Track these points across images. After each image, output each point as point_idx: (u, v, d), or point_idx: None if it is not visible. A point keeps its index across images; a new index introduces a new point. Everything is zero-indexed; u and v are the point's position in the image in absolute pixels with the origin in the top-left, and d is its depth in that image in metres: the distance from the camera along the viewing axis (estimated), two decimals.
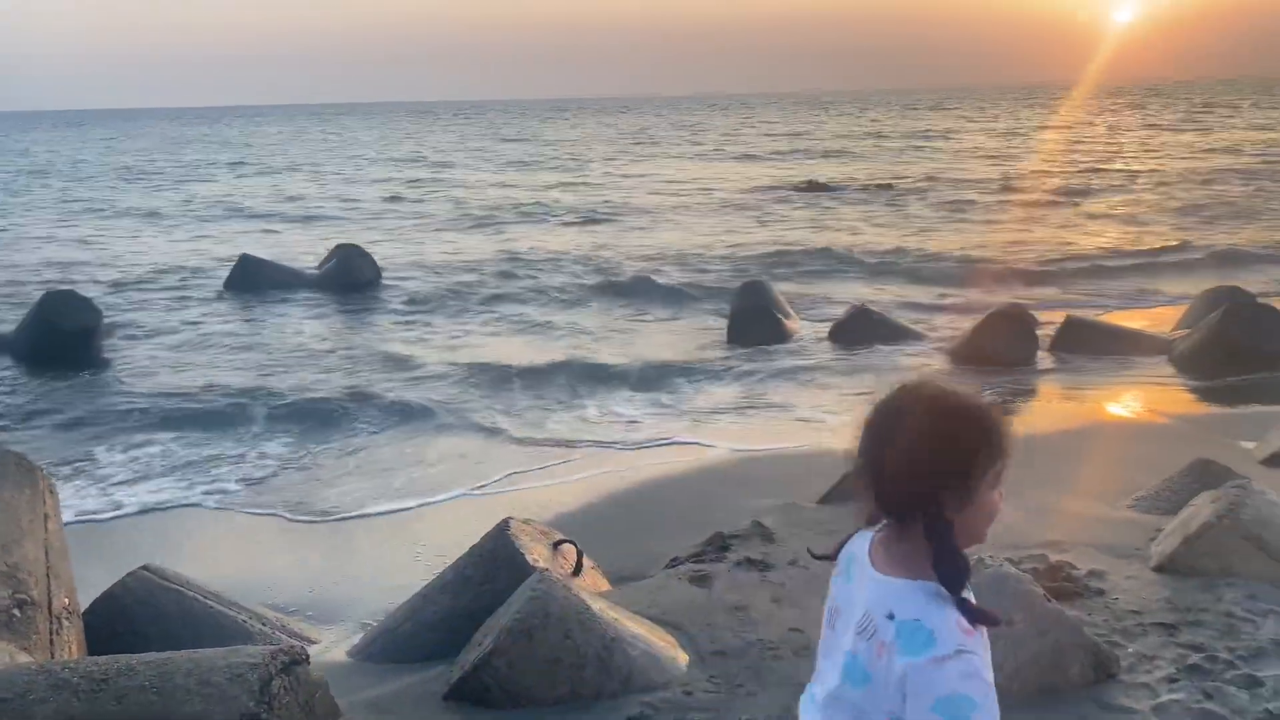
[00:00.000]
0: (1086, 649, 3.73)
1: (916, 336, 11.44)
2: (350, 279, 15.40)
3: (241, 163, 48.29)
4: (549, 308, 14.27)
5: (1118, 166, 34.44)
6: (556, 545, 4.64)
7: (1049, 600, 3.81)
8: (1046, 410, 8.65)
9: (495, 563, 4.41)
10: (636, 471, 7.25)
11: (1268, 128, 52.32)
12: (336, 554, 6.09)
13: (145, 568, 4.58)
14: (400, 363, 11.04)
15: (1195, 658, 3.87)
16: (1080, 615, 4.12)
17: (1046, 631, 3.72)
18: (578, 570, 4.53)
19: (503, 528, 4.52)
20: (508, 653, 3.60)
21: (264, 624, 4.68)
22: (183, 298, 15.29)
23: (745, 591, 4.52)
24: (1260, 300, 10.76)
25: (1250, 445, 7.00)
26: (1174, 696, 3.64)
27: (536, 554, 4.45)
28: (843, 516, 5.55)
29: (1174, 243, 18.42)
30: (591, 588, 4.47)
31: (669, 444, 8.02)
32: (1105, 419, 8.38)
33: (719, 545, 5.14)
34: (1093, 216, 22.62)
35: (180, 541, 6.35)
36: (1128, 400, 8.90)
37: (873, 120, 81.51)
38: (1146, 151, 40.56)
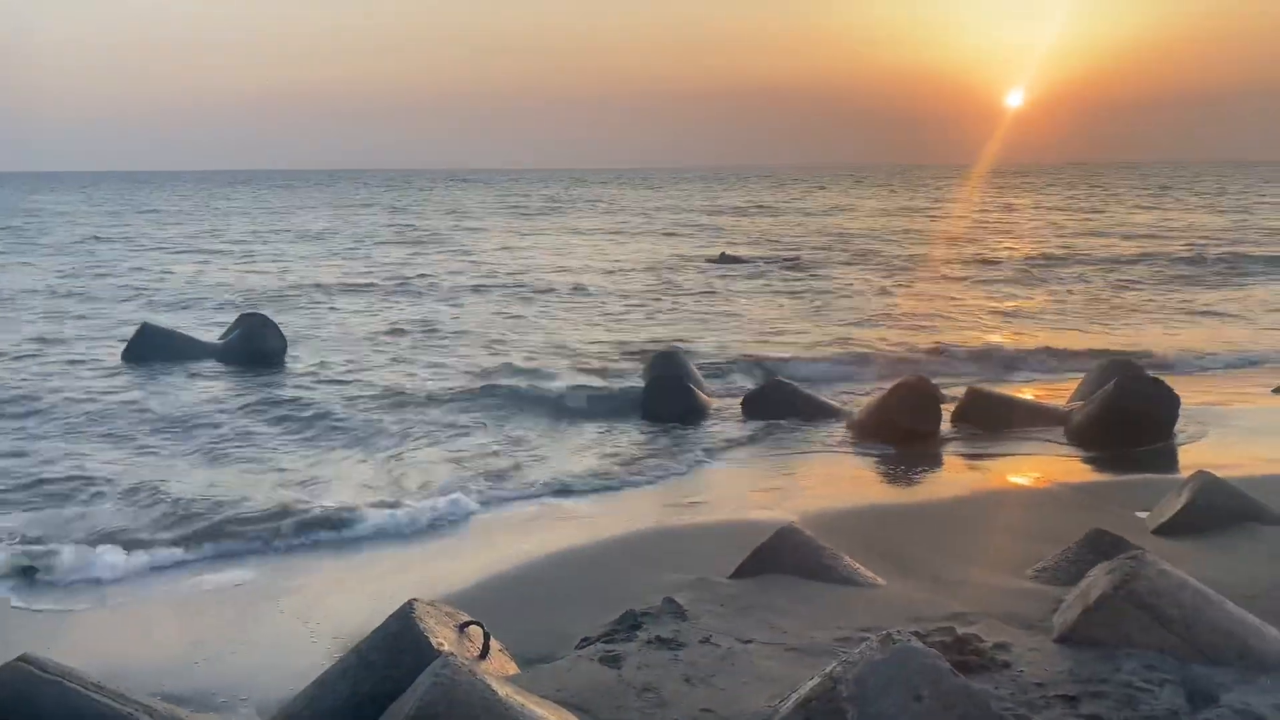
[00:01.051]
0: None
1: (828, 408, 11.62)
2: (254, 349, 15.03)
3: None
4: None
5: (1008, 245, 35.91)
6: (463, 627, 4.52)
7: (956, 675, 3.84)
8: (951, 481, 8.84)
9: (399, 647, 4.27)
10: (546, 545, 7.14)
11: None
12: (230, 636, 5.82)
13: (23, 658, 4.30)
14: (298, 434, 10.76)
15: None
16: (987, 689, 4.16)
17: (953, 707, 3.74)
18: (484, 653, 4.41)
19: (407, 610, 4.39)
20: None
21: (154, 718, 4.43)
22: (78, 362, 14.80)
23: (656, 672, 4.46)
24: (1150, 373, 11.22)
25: (1143, 515, 7.24)
26: None
27: (442, 637, 4.33)
28: (756, 591, 5.58)
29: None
30: (499, 671, 4.36)
31: (581, 518, 7.95)
32: (1006, 489, 8.59)
33: (630, 624, 5.07)
34: (989, 290, 23.49)
35: (55, 628, 6.00)
36: (1027, 471, 9.16)
37: (770, 193, 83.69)
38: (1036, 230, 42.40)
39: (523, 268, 29.19)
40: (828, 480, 8.86)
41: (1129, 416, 10.00)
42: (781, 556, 5.90)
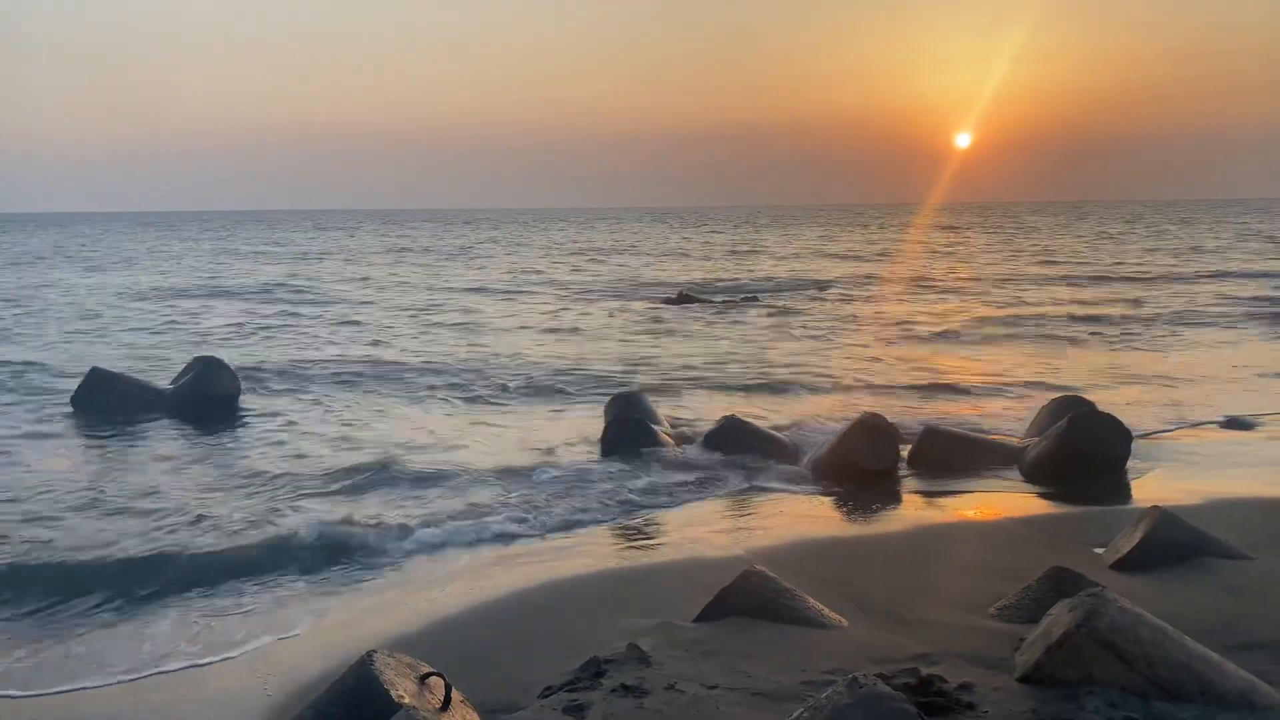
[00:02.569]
0: None
1: (787, 447, 11.65)
2: (207, 393, 14.78)
3: None
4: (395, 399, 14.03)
5: (962, 279, 36.49)
6: (423, 678, 4.43)
7: (921, 718, 3.83)
8: (910, 518, 8.88)
9: (357, 700, 4.17)
10: (505, 588, 7.04)
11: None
12: (183, 703, 5.65)
13: None
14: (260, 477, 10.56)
15: None
16: None
17: None
18: (446, 705, 4.32)
19: (365, 661, 4.29)
20: None
21: None
22: (31, 409, 14.42)
23: None
24: (1100, 409, 11.39)
25: (1100, 550, 7.31)
26: None
27: (403, 689, 4.23)
28: (720, 635, 5.54)
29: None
30: None
31: (540, 560, 7.86)
32: (964, 526, 8.64)
33: (594, 671, 5.01)
34: (940, 334, 23.81)
35: None
36: (984, 508, 9.23)
37: (710, 232, 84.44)
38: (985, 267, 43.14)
39: (472, 302, 29.11)
40: (788, 519, 8.86)
41: (1082, 453, 10.13)
42: (744, 599, 5.88)
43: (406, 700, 4.08)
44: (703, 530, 8.63)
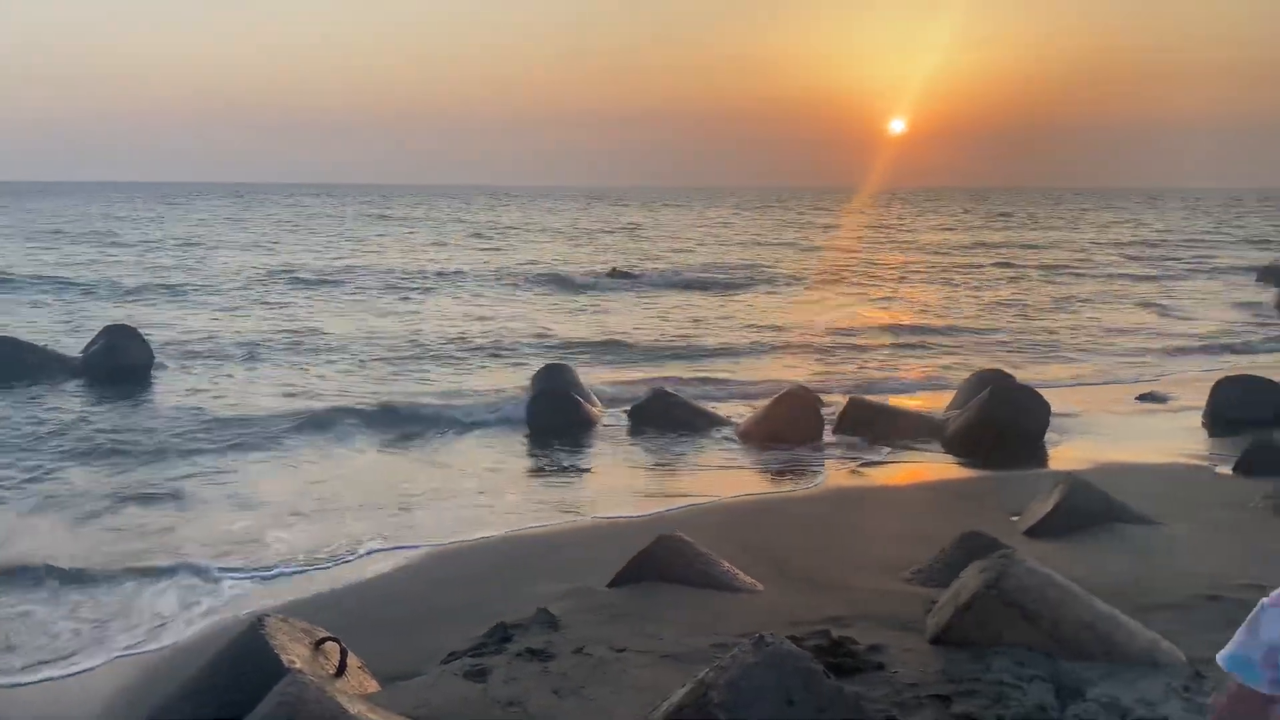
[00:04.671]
0: None
1: (713, 418, 11.61)
2: (117, 363, 14.24)
3: None
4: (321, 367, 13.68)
5: (890, 260, 36.92)
6: (319, 644, 4.25)
7: (829, 677, 3.76)
8: (830, 487, 8.88)
9: (246, 665, 3.98)
10: (415, 557, 6.87)
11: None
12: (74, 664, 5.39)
13: None
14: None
15: None
16: (861, 690, 4.10)
17: (826, 709, 3.66)
18: (341, 671, 4.15)
19: (256, 625, 4.10)
20: None
21: None
22: None
23: (524, 684, 4.27)
24: (1021, 382, 11.55)
25: (1015, 518, 7.37)
26: None
27: (295, 654, 4.05)
28: (633, 599, 5.43)
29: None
30: (356, 689, 4.10)
31: (458, 528, 7.68)
32: (884, 495, 8.68)
33: (500, 636, 4.87)
34: (874, 302, 24.05)
35: None
36: (904, 477, 9.29)
37: (662, 213, 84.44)
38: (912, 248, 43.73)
39: (411, 265, 28.62)
40: (710, 487, 8.80)
41: (1002, 424, 10.25)
42: (660, 563, 5.78)
43: (297, 665, 3.89)
44: (622, 497, 8.52)
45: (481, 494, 8.66)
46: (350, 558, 6.89)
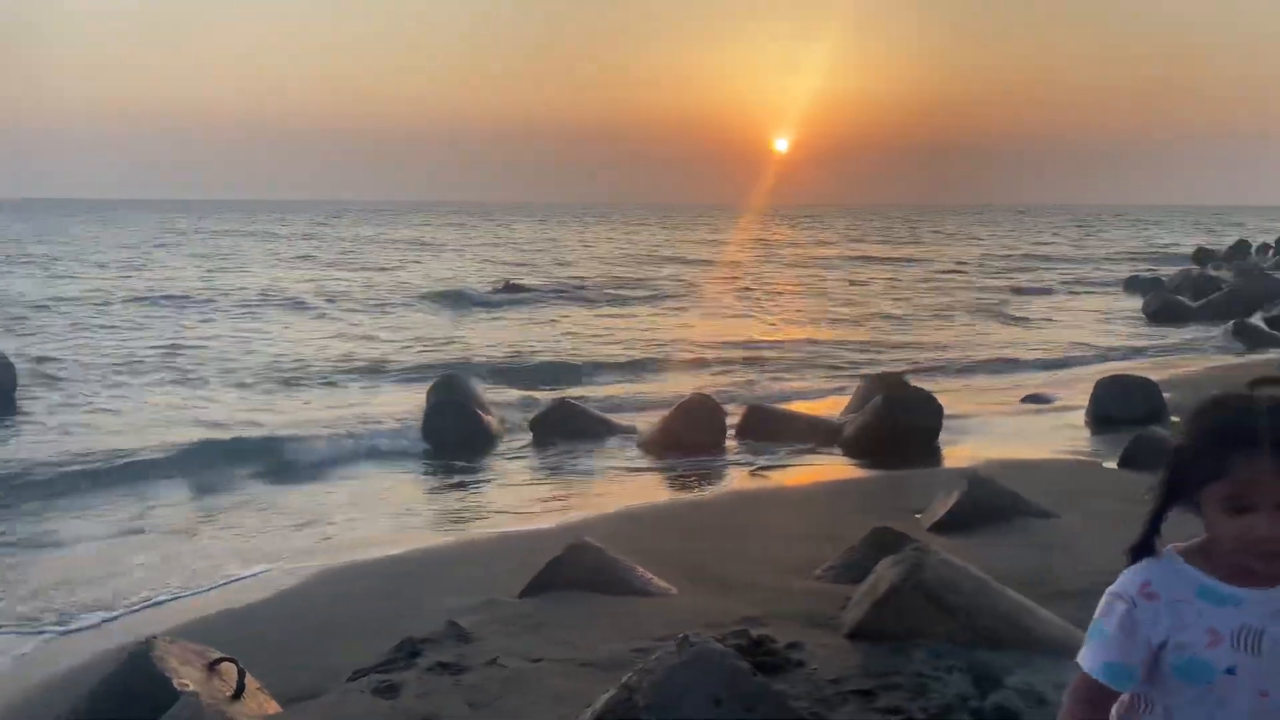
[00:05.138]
0: None
1: (615, 427, 11.51)
2: None
3: None
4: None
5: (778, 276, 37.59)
6: (213, 665, 3.97)
7: (755, 675, 3.68)
8: (736, 491, 8.89)
9: (134, 691, 3.68)
10: (312, 574, 6.55)
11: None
12: None
13: None
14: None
15: None
16: (784, 688, 4.03)
17: (753, 708, 3.58)
18: (239, 692, 3.88)
19: (144, 648, 3.80)
20: None
21: None
22: None
23: (437, 699, 4.07)
24: (912, 385, 11.80)
25: (918, 515, 7.46)
26: None
27: (187, 677, 3.77)
28: (546, 608, 5.27)
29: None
30: (255, 712, 3.84)
31: (357, 541, 7.37)
32: (788, 497, 8.72)
33: (409, 651, 4.63)
34: (764, 314, 24.40)
35: None
36: (807, 479, 9.35)
37: (547, 229, 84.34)
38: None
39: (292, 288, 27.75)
40: (617, 495, 8.70)
41: (898, 426, 10.44)
42: (572, 571, 5.63)
43: (190, 688, 3.61)
44: (529, 507, 8.35)
45: (380, 510, 8.36)
46: (244, 576, 6.53)
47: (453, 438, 10.95)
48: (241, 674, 3.96)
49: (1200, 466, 1.69)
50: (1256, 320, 21.05)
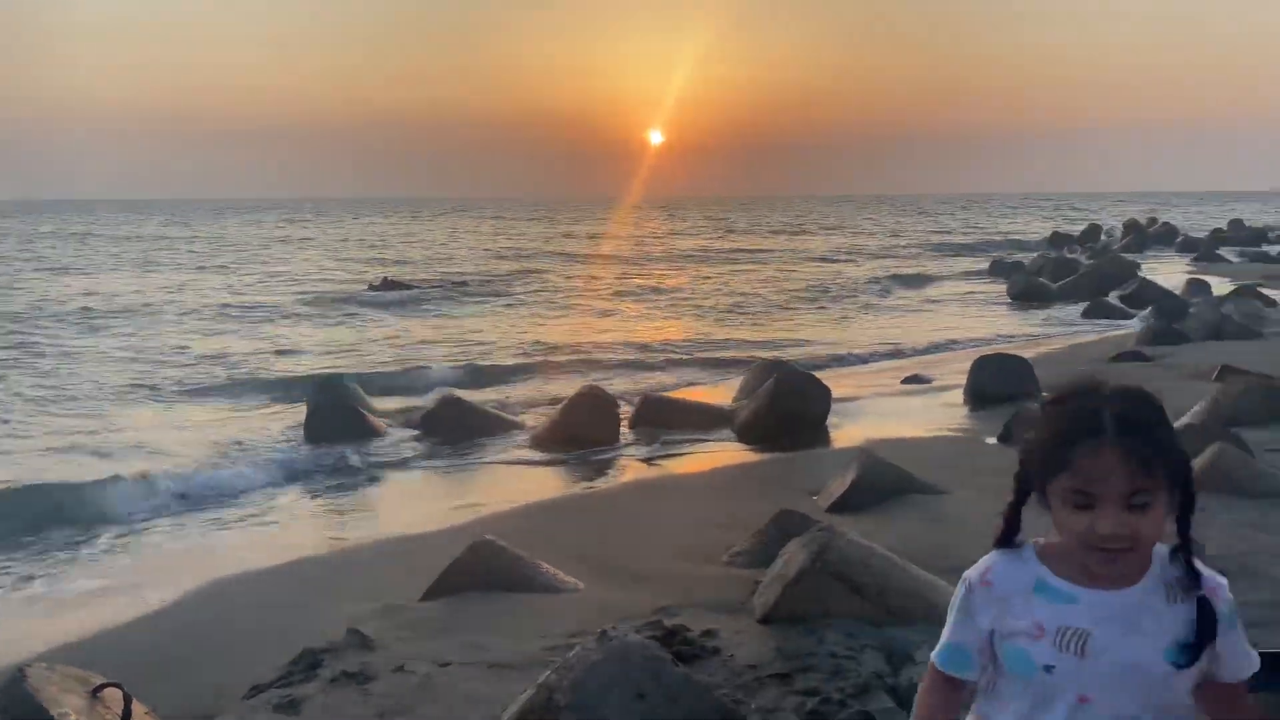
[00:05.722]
0: (717, 713, 3.58)
1: (507, 422, 11.32)
2: None
3: None
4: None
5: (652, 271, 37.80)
6: (96, 691, 3.68)
7: (677, 665, 3.63)
8: (635, 482, 8.84)
9: None
10: (197, 588, 6.21)
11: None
12: None
13: None
14: None
15: (812, 703, 3.88)
16: (703, 677, 3.99)
17: (677, 699, 3.52)
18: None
19: (17, 678, 3.49)
20: None
21: None
22: None
23: (343, 713, 3.89)
24: (801, 370, 11.98)
25: (814, 496, 7.56)
26: None
27: (67, 706, 3.48)
28: (451, 611, 5.10)
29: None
30: None
31: (240, 550, 7.02)
32: (687, 485, 8.72)
33: (309, 663, 4.42)
34: (644, 305, 24.48)
35: None
36: (704, 466, 9.37)
37: (420, 223, 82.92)
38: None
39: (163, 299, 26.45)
40: (514, 491, 8.53)
41: (788, 410, 10.58)
42: (475, 571, 5.48)
43: (72, 718, 3.34)
44: (425, 508, 8.12)
45: (267, 518, 8.00)
46: (127, 590, 6.14)
47: (338, 439, 10.58)
48: (128, 699, 3.69)
49: (1045, 460, 1.65)
50: (1112, 299, 22.25)
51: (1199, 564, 1.70)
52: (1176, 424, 8.27)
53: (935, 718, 1.86)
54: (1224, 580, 1.72)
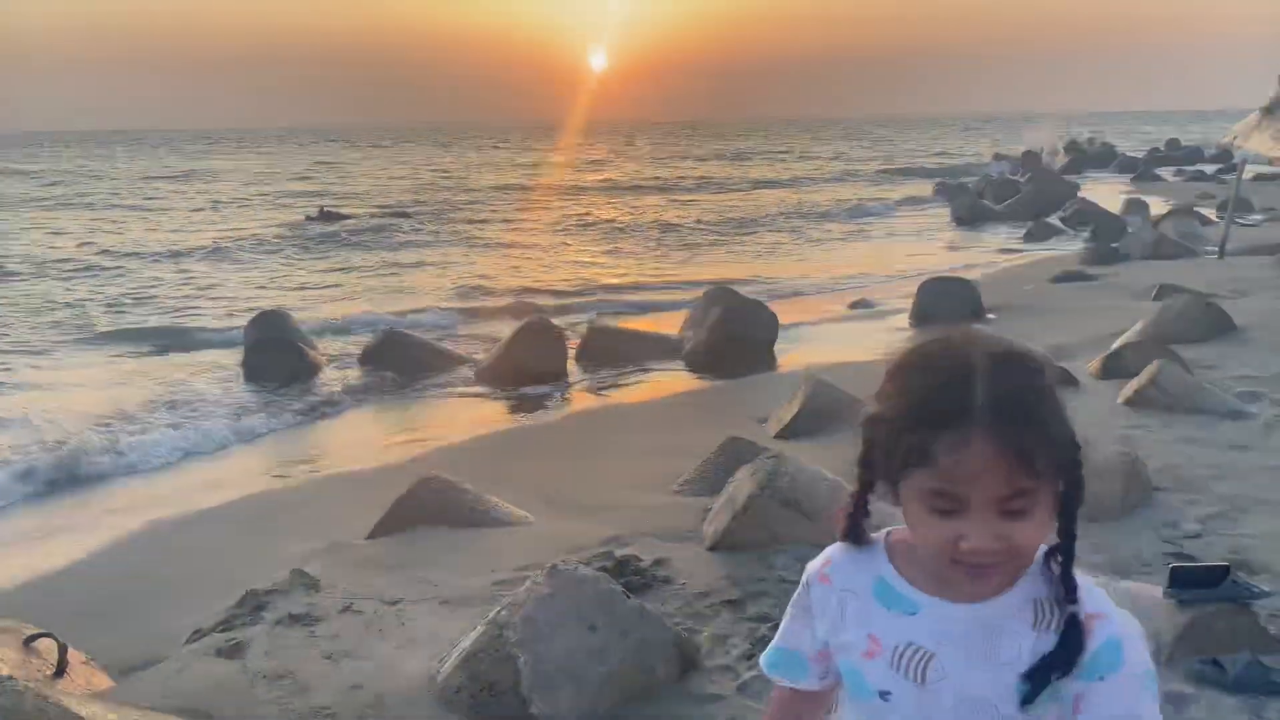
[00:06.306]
0: (670, 642, 3.57)
1: (451, 356, 11.16)
2: None
3: None
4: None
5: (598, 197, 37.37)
6: (29, 641, 3.56)
7: (629, 597, 3.60)
8: (582, 413, 8.79)
9: None
10: (133, 528, 6.06)
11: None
12: None
13: None
14: None
15: (764, 628, 3.88)
16: (656, 606, 3.97)
17: (629, 632, 3.49)
18: (61, 670, 3.50)
19: None
20: None
21: None
22: None
23: (291, 654, 3.80)
24: (748, 296, 11.94)
25: (762, 423, 7.56)
26: (753, 673, 3.59)
27: (0, 659, 3.36)
28: (399, 547, 5.02)
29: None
30: (83, 688, 3.47)
31: (174, 493, 6.86)
32: (635, 415, 8.68)
33: (252, 605, 4.32)
34: (593, 233, 24.23)
35: None
36: (652, 396, 9.35)
37: (353, 152, 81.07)
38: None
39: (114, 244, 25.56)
40: (459, 425, 8.44)
41: (736, 337, 10.57)
42: (422, 506, 5.39)
43: (4, 670, 3.22)
44: (368, 444, 8.00)
45: (204, 459, 7.81)
46: (56, 535, 5.97)
47: (279, 375, 10.36)
48: (63, 649, 3.57)
49: (895, 449, 1.24)
50: (1053, 219, 22.50)
51: (1080, 576, 1.29)
52: (1119, 342, 8.38)
53: None
54: (1122, 617, 1.29)
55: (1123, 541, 4.55)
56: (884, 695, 1.34)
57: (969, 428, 1.18)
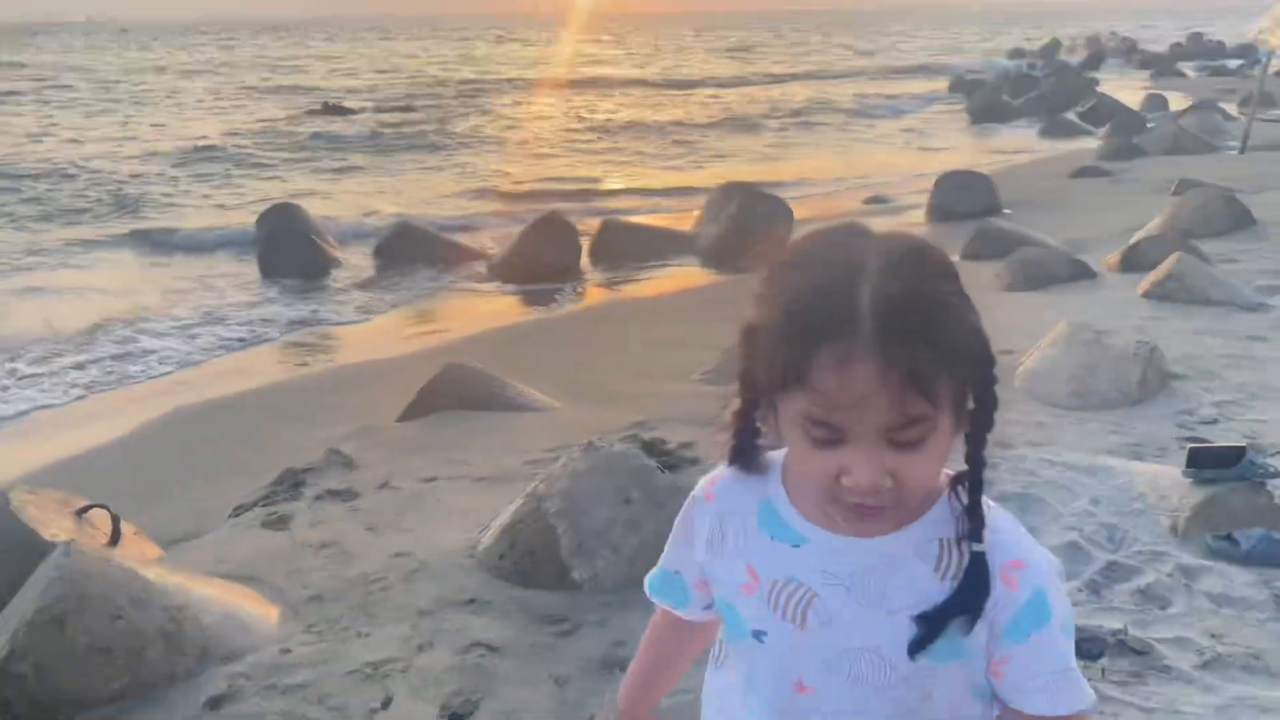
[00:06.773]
0: None
1: (467, 250, 11.17)
2: None
3: None
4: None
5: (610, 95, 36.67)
6: (82, 513, 3.69)
7: (664, 472, 3.70)
8: (600, 306, 8.87)
9: None
10: (169, 413, 6.19)
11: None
12: None
13: None
14: None
15: None
16: (686, 482, 4.08)
17: (664, 504, 3.60)
18: (115, 539, 3.63)
19: (1, 501, 3.48)
20: (33, 653, 2.73)
21: None
22: None
23: (333, 526, 3.94)
24: (764, 191, 11.87)
25: None
26: None
27: (56, 528, 3.49)
28: (429, 430, 5.14)
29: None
30: (138, 556, 3.61)
31: (206, 380, 6.98)
32: (654, 308, 8.72)
33: (291, 482, 4.46)
34: (601, 131, 23.92)
35: None
36: (669, 289, 9.39)
37: (340, 44, 79.31)
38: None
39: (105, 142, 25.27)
40: (478, 317, 8.51)
41: (751, 232, 10.54)
42: (450, 392, 5.49)
43: (62, 539, 3.35)
44: (390, 335, 8.08)
45: (222, 351, 7.90)
46: (92, 420, 6.11)
47: (293, 268, 10.40)
48: (115, 519, 3.70)
49: (771, 362, 1.02)
50: (1071, 115, 22.11)
51: (991, 511, 1.11)
52: (1138, 235, 8.30)
53: (647, 656, 1.42)
54: (1040, 558, 1.12)
55: (1140, 426, 4.64)
56: (758, 635, 1.16)
57: (851, 342, 0.96)
